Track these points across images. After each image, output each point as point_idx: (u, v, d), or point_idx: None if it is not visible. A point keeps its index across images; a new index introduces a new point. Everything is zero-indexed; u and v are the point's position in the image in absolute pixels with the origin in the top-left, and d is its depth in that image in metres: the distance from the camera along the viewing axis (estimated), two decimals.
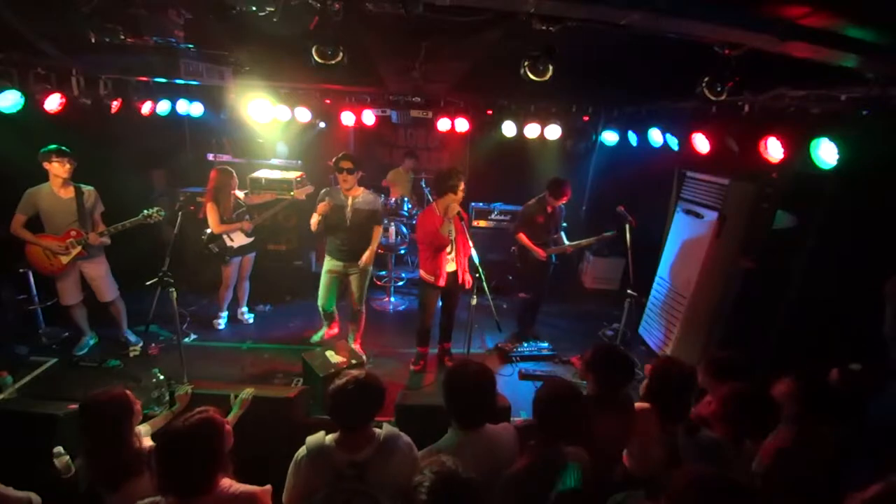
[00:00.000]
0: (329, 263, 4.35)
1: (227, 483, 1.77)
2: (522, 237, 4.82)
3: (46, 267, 4.07)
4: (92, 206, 4.15)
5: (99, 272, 4.28)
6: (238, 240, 4.81)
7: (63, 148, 3.91)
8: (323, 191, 4.25)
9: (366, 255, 4.26)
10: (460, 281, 4.30)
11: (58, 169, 3.89)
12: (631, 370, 2.48)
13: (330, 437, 1.98)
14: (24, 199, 3.92)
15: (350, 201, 4.16)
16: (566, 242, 5.03)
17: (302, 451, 1.99)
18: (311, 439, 2.00)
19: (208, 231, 4.65)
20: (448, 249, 4.16)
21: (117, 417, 1.99)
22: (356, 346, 4.59)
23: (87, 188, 4.13)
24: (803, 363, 2.21)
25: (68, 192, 4.02)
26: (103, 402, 2.00)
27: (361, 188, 4.25)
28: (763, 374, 2.44)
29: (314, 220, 4.12)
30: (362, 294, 4.46)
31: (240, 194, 4.88)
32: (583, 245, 5.12)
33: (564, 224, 5.15)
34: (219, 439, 1.77)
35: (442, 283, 4.19)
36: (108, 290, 4.35)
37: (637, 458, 2.37)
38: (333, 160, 4.11)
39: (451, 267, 4.25)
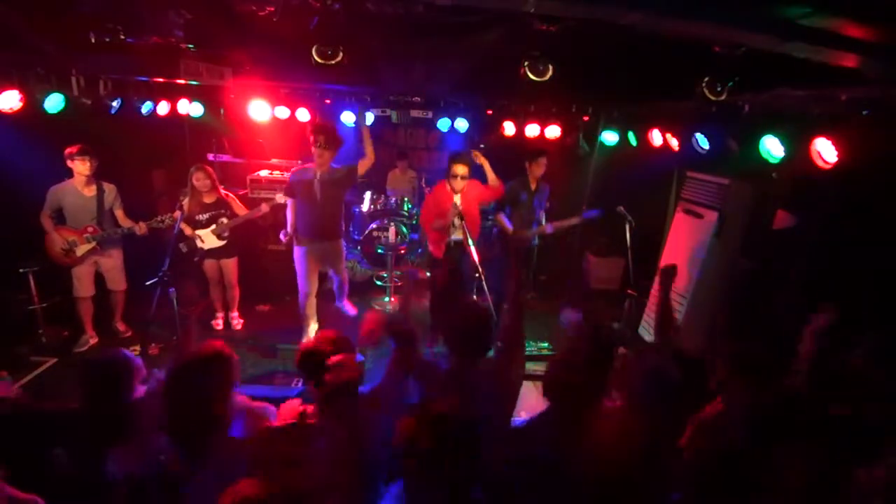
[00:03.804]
0: (303, 246, 4.29)
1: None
2: (500, 218, 4.89)
3: (62, 258, 4.21)
4: (112, 202, 4.32)
5: (115, 263, 4.47)
6: (209, 242, 4.62)
7: (85, 147, 4.06)
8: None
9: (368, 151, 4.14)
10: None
11: (80, 167, 4.06)
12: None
13: None
14: (48, 197, 4.10)
15: (318, 174, 4.06)
16: (544, 223, 5.07)
17: None
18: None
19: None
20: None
21: (117, 373, 2.11)
22: (347, 304, 4.84)
23: (108, 185, 4.29)
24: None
25: (91, 191, 4.21)
26: (102, 359, 2.16)
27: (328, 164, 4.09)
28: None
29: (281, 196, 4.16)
30: (342, 264, 4.56)
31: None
32: (564, 226, 5.13)
33: (547, 204, 5.21)
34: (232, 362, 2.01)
35: (438, 252, 4.38)
36: (120, 280, 4.54)
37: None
38: (312, 128, 3.97)
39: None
